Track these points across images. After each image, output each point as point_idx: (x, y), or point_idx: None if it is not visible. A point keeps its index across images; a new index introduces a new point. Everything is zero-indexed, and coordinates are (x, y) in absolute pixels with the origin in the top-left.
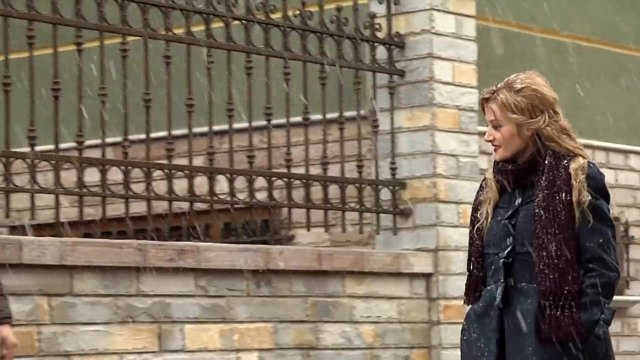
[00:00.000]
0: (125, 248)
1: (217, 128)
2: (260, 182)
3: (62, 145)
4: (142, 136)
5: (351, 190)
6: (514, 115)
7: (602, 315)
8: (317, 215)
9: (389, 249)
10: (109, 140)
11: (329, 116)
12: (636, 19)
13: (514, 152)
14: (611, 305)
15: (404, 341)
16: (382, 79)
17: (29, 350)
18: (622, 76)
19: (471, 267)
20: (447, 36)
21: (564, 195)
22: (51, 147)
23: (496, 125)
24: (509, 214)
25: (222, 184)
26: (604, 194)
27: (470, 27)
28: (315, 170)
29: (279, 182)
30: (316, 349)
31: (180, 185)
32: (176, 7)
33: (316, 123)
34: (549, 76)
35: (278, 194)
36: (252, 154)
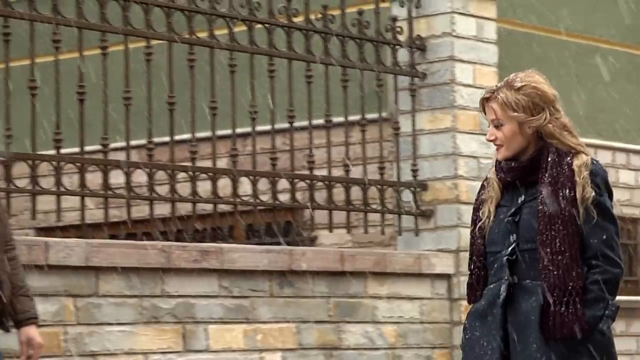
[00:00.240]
0: (149, 249)
1: (240, 130)
2: (283, 183)
3: (88, 148)
4: (166, 139)
5: (373, 192)
6: (515, 114)
7: (606, 312)
8: (339, 217)
9: (410, 250)
10: (133, 142)
11: (351, 118)
12: None
13: (516, 151)
14: None
15: (425, 341)
16: (404, 81)
17: (55, 350)
18: None
19: (473, 266)
20: (468, 39)
21: (567, 191)
22: (77, 149)
23: (497, 125)
24: (512, 211)
25: (245, 186)
26: (607, 191)
27: (491, 29)
28: (338, 172)
29: (301, 184)
30: (339, 349)
31: (204, 187)
32: (200, 11)
33: (338, 125)
34: (570, 78)
35: (301, 196)
36: (274, 156)
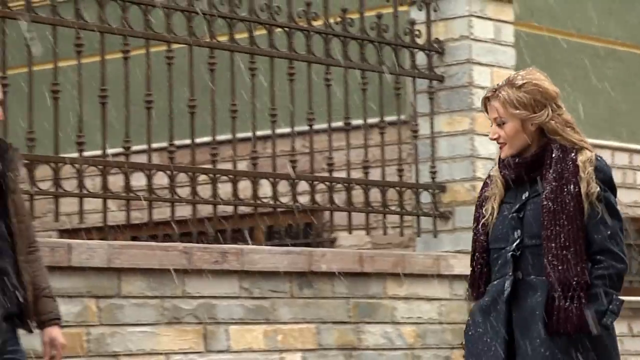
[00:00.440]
0: (171, 251)
1: (260, 133)
2: (303, 186)
3: (110, 151)
4: (187, 141)
5: (392, 194)
6: (517, 111)
7: (610, 306)
8: (358, 218)
9: (429, 251)
10: (154, 145)
11: (370, 121)
12: None
13: (519, 149)
14: None
15: (444, 342)
16: (422, 84)
17: (77, 350)
18: None
19: (475, 262)
20: (485, 42)
21: (572, 187)
22: (99, 152)
23: (500, 123)
24: (516, 208)
25: (265, 188)
26: (611, 187)
27: (508, 32)
28: (357, 174)
29: (321, 186)
30: (358, 349)
31: (225, 189)
32: (220, 15)
33: (357, 128)
34: (586, 81)
35: (320, 198)
36: (294, 158)
